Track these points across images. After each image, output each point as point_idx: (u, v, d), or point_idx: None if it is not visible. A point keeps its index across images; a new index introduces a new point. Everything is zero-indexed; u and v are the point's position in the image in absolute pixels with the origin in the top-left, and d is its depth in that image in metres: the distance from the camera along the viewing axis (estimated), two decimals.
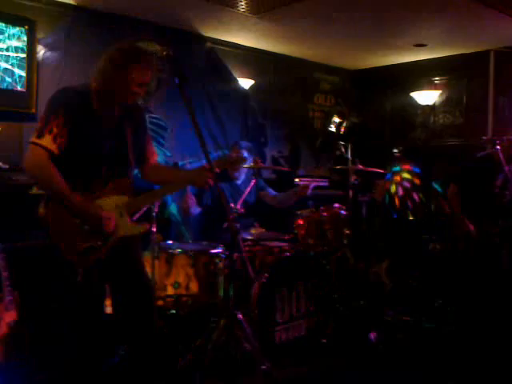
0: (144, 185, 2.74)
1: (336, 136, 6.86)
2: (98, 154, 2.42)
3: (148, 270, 3.41)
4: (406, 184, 6.14)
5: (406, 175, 6.19)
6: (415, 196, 6.10)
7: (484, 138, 4.26)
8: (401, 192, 6.13)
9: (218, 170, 2.52)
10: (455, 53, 6.33)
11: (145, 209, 3.22)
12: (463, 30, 5.45)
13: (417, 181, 6.16)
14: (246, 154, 4.37)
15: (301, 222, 4.09)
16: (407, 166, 6.25)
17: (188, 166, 4.99)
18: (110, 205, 2.45)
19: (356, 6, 4.77)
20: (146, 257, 3.52)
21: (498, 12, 4.16)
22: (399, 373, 3.50)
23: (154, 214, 3.53)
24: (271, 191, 4.51)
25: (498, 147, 3.93)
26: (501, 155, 3.99)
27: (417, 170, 6.20)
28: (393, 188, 6.17)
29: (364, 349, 3.84)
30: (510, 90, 6.07)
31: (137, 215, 3.07)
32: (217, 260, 3.58)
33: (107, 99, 2.43)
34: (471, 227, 4.29)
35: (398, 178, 6.19)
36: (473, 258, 4.39)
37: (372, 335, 3.97)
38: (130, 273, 2.56)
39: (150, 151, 2.72)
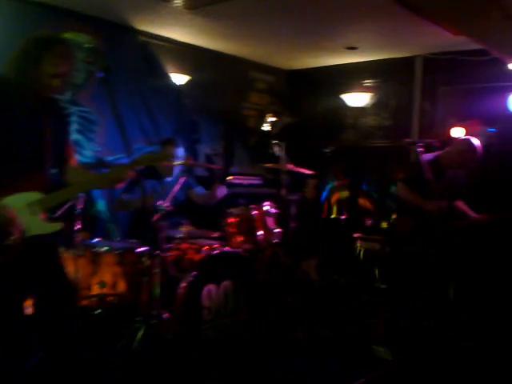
0: None
1: (270, 135, 6.92)
2: (10, 149, 2.31)
3: (71, 268, 3.32)
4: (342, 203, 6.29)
5: (342, 194, 6.32)
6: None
7: (408, 139, 4.41)
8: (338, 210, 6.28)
9: (140, 167, 2.48)
10: (384, 57, 6.53)
11: (67, 206, 3.12)
12: (392, 35, 5.62)
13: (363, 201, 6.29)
14: (181, 151, 4.33)
15: (231, 220, 4.10)
16: (343, 182, 6.39)
17: (119, 162, 4.89)
18: (19, 202, 2.34)
19: (289, 6, 4.82)
20: (69, 255, 3.42)
21: (425, 20, 4.30)
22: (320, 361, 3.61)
23: (77, 210, 3.42)
24: (199, 189, 4.49)
25: (421, 149, 4.08)
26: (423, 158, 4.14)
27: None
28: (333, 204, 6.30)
29: (290, 345, 3.90)
30: (434, 95, 6.34)
31: (59, 212, 2.98)
32: (143, 259, 3.52)
33: (20, 91, 2.33)
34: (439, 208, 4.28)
35: (334, 199, 6.32)
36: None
37: (299, 332, 4.05)
38: (47, 272, 2.47)
39: (69, 152, 2.62)
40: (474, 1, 3.59)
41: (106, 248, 3.63)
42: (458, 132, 5.88)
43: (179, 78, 5.97)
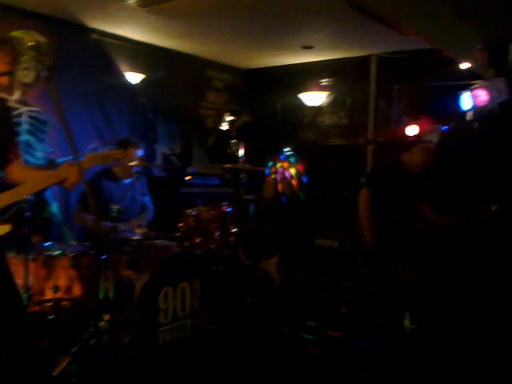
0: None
1: (228, 134, 6.90)
2: None
3: (21, 273, 3.22)
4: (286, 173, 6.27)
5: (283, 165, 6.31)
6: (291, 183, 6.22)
7: (363, 138, 4.46)
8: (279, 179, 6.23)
9: (86, 167, 2.42)
10: (340, 56, 6.61)
11: (14, 209, 3.01)
12: (347, 35, 5.69)
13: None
14: (140, 152, 4.27)
15: (188, 220, 4.06)
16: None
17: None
18: None
19: (244, 6, 4.81)
20: (20, 260, 3.32)
21: (377, 22, 4.37)
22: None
23: (27, 213, 3.31)
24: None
25: (374, 148, 4.13)
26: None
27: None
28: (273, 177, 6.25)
29: (249, 344, 3.90)
30: (388, 94, 6.45)
31: (6, 215, 2.87)
32: (97, 261, 3.44)
33: None
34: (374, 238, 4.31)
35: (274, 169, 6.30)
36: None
37: (259, 332, 4.05)
38: None
39: (14, 152, 2.53)
40: (424, 2, 3.68)
41: (58, 251, 3.54)
42: (412, 130, 6.00)
43: (134, 77, 5.88)
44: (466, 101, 5.57)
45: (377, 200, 4.28)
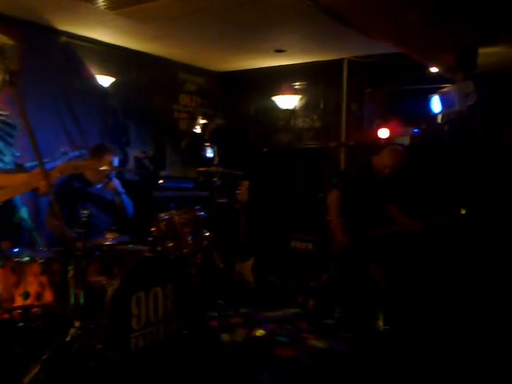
0: None
1: (201, 137, 6.88)
2: None
3: None
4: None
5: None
6: None
7: (335, 142, 4.50)
8: None
9: (58, 175, 2.38)
10: (312, 60, 6.64)
11: None
12: (318, 38, 5.73)
13: None
14: (117, 160, 4.22)
15: (160, 224, 4.02)
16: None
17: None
18: None
19: (216, 9, 4.80)
20: None
21: (347, 26, 4.40)
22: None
23: None
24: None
25: (345, 151, 4.17)
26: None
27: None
28: None
29: (224, 348, 3.89)
30: (360, 97, 6.52)
31: None
32: (68, 267, 3.39)
33: None
34: (345, 239, 4.35)
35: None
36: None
37: (234, 334, 4.05)
38: None
39: None
40: (392, 6, 3.73)
41: (28, 258, 3.47)
42: (383, 133, 6.08)
43: (105, 80, 5.82)
44: (436, 104, 5.68)
45: (346, 201, 4.32)
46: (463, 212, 4.02)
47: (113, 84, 5.93)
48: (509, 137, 5.68)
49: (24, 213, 4.95)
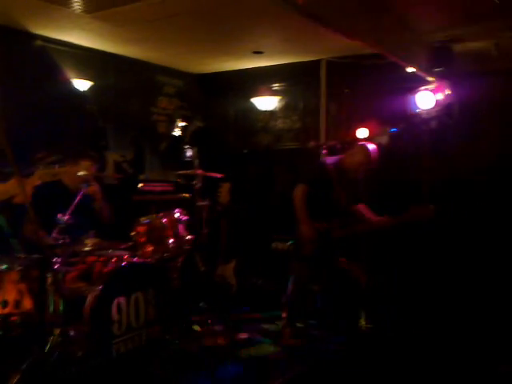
0: None
1: (181, 140, 6.85)
2: None
3: None
4: None
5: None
6: None
7: (312, 142, 4.51)
8: None
9: (37, 182, 2.35)
10: (291, 61, 6.67)
11: None
12: (296, 40, 5.74)
13: None
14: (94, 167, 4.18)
15: (140, 229, 4.00)
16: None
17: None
18: None
19: (191, 12, 4.79)
20: None
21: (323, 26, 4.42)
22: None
23: None
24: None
25: (324, 151, 4.19)
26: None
27: None
28: None
29: (208, 352, 3.88)
30: (339, 97, 6.56)
31: None
32: (47, 274, 3.34)
33: None
34: (312, 234, 4.35)
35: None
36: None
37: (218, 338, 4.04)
38: None
39: None
40: (368, 8, 3.77)
41: (6, 265, 3.41)
42: (362, 133, 6.12)
43: (82, 84, 5.76)
44: (414, 103, 5.74)
45: (312, 198, 4.29)
46: (431, 208, 4.07)
47: (90, 88, 5.88)
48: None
49: (1, 220, 4.87)
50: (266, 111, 6.97)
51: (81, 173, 3.97)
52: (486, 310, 4.82)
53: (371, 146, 4.34)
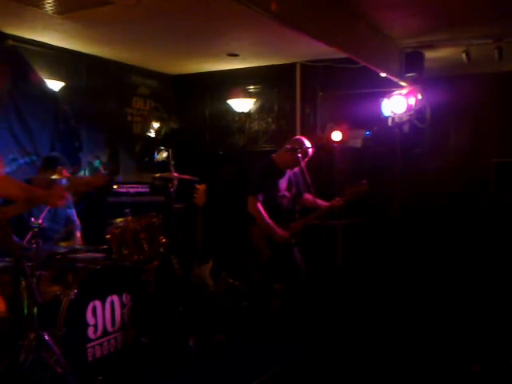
0: None
1: (156, 141, 6.82)
2: None
3: None
4: None
5: None
6: None
7: (287, 145, 4.56)
8: None
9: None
10: (266, 63, 6.70)
11: None
12: (270, 43, 5.78)
13: None
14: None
15: (114, 231, 3.97)
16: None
17: None
18: None
19: (164, 13, 4.77)
20: None
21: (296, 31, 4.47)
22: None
23: None
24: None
25: (300, 155, 4.25)
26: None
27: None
28: None
29: (182, 354, 3.88)
30: (314, 100, 6.63)
31: None
32: (20, 278, 3.30)
33: None
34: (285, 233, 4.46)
35: None
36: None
37: (191, 341, 4.03)
38: None
39: None
40: (340, 14, 3.83)
41: None
42: (336, 135, 6.21)
43: (55, 84, 5.69)
44: (386, 107, 5.85)
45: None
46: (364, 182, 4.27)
47: (63, 88, 5.81)
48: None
49: None
50: (241, 113, 6.99)
51: (54, 177, 3.92)
52: (455, 310, 4.95)
53: (304, 140, 4.47)
